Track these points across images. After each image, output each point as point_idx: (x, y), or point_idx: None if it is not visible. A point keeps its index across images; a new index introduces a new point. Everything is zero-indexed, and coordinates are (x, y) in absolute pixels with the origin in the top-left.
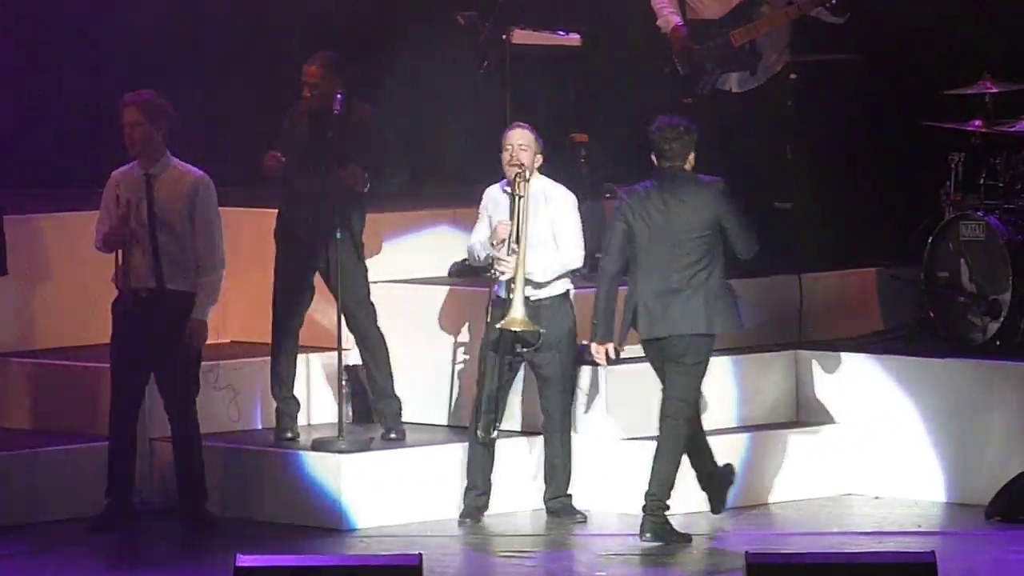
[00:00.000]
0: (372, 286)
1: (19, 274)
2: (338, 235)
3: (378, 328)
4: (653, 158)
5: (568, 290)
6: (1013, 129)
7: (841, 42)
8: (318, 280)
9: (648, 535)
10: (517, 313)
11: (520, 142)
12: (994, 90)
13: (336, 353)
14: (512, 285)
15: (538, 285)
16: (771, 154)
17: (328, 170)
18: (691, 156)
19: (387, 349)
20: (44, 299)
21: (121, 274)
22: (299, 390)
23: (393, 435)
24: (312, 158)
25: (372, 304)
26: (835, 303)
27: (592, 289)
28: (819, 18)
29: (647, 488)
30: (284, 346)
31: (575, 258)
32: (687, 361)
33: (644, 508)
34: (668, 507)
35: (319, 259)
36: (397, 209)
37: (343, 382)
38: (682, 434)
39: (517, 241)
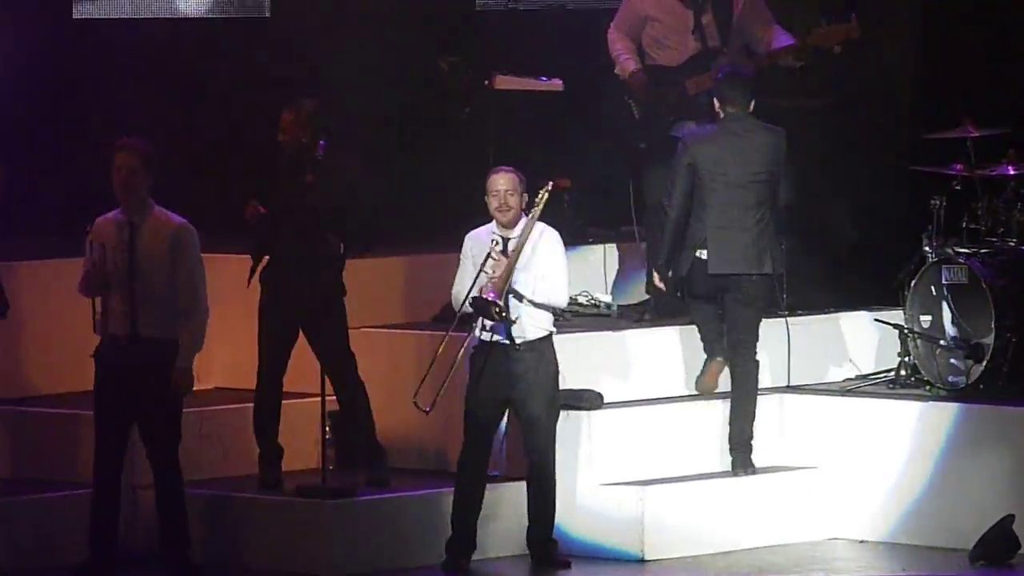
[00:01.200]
0: (352, 332)
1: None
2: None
3: (358, 375)
4: (716, 105)
5: (551, 332)
6: (994, 173)
7: (823, 86)
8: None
9: (747, 469)
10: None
11: (507, 187)
12: (975, 134)
13: (319, 399)
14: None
15: (522, 328)
16: None
17: (305, 232)
18: (752, 102)
19: (367, 396)
20: (26, 346)
21: (98, 320)
22: (282, 436)
23: (377, 481)
24: (290, 209)
25: (351, 352)
26: (821, 347)
27: (574, 332)
28: (778, 63)
29: (731, 429)
30: (268, 393)
31: (561, 294)
32: (754, 299)
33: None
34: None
35: (302, 308)
36: (377, 255)
37: (326, 428)
38: (755, 370)
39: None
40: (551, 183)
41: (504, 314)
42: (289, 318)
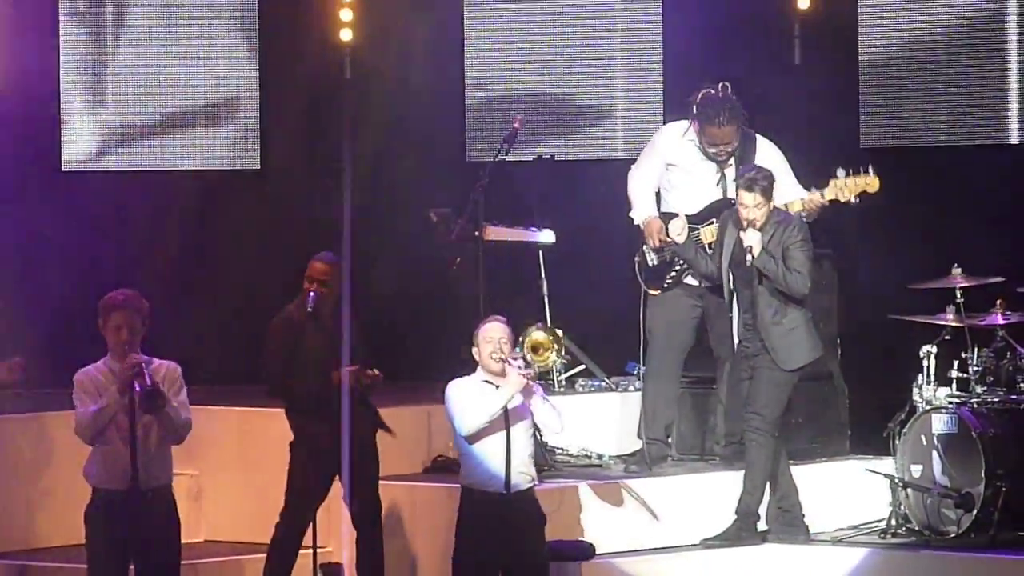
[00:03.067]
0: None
1: None
2: None
3: (381, 525)
4: None
5: (535, 484)
6: (984, 323)
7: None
8: None
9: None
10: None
11: (501, 335)
12: (964, 284)
13: (311, 551)
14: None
15: (514, 477)
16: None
17: (329, 375)
18: None
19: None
20: (26, 499)
21: (98, 471)
22: None
23: None
24: (321, 360)
25: (379, 501)
26: (811, 495)
27: (565, 482)
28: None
29: None
30: (290, 549)
31: (562, 421)
32: None
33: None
34: None
35: (336, 462)
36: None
37: None
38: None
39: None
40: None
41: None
42: (327, 470)
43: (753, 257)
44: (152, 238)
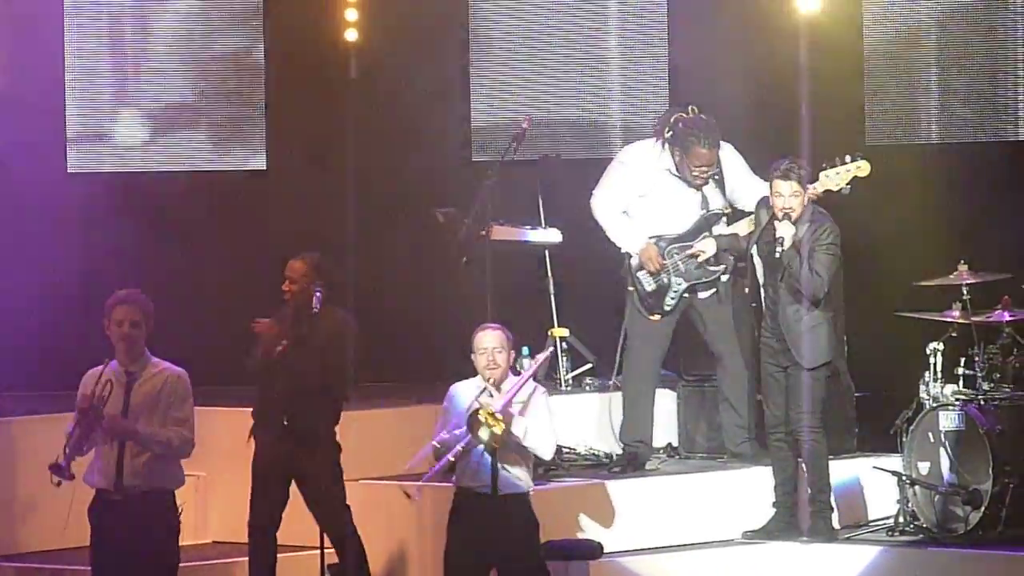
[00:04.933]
0: (349, 484)
1: None
2: None
3: (353, 527)
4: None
5: (529, 491)
6: (990, 319)
7: None
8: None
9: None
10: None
11: (494, 345)
12: (971, 280)
13: (318, 552)
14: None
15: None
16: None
17: (301, 385)
18: None
19: (363, 547)
20: (17, 503)
21: (62, 464)
22: None
23: None
24: (287, 361)
25: (346, 505)
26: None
27: (572, 481)
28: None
29: None
30: (261, 548)
31: (547, 449)
32: None
33: None
34: None
35: (295, 464)
36: (371, 407)
37: None
38: None
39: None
40: (546, 355)
41: (497, 426)
42: (281, 473)
43: (783, 250)
44: (157, 238)
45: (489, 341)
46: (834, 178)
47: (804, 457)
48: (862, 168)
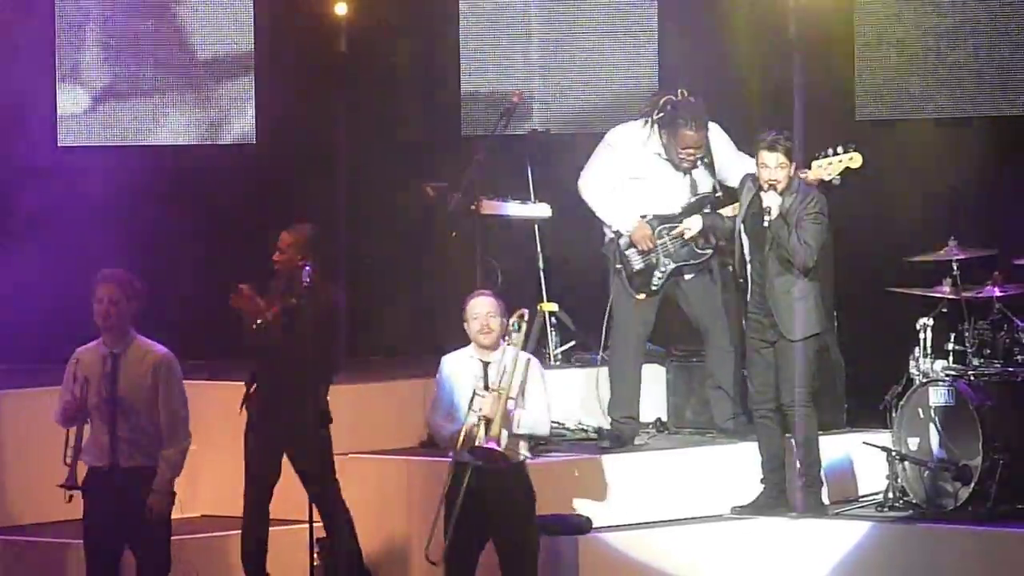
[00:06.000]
0: (339, 458)
1: None
2: None
3: (341, 501)
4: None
5: (526, 459)
6: (980, 295)
7: None
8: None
9: None
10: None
11: (488, 310)
12: (961, 256)
13: (307, 526)
14: (487, 425)
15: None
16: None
17: (290, 358)
18: None
19: (351, 522)
20: (9, 475)
21: (70, 451)
22: (270, 564)
23: None
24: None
25: (335, 479)
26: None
27: (561, 456)
28: None
29: None
30: (255, 521)
31: (543, 425)
32: None
33: None
34: None
35: (285, 436)
36: (362, 380)
37: (314, 555)
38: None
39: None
40: (525, 311)
41: (507, 460)
42: (272, 446)
43: (770, 219)
44: (146, 213)
45: (483, 307)
46: (826, 167)
47: (794, 432)
48: (854, 160)
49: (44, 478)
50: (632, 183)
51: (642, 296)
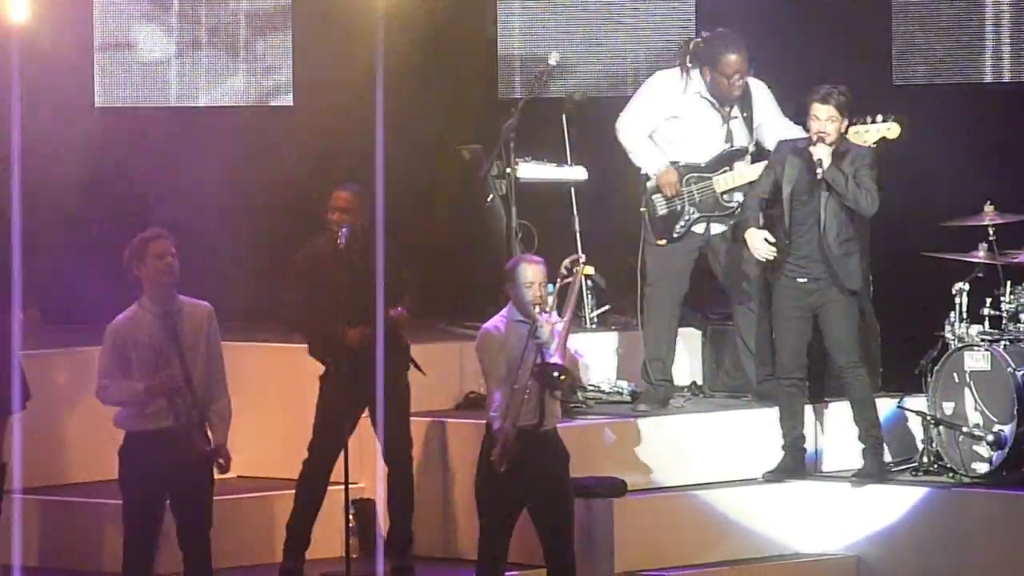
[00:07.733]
0: None
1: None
2: None
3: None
4: None
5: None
6: (1016, 260)
7: None
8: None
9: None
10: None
11: (541, 280)
12: (997, 221)
13: (343, 487)
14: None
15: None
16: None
17: (357, 313)
18: None
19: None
20: (50, 435)
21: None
22: None
23: (403, 570)
24: (344, 296)
25: (410, 437)
26: (842, 433)
27: (596, 420)
28: None
29: None
30: (318, 481)
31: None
32: None
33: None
34: None
35: (363, 398)
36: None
37: (350, 517)
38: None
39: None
40: (582, 256)
41: (570, 380)
42: (354, 406)
43: (823, 170)
44: (185, 175)
45: (536, 275)
46: (863, 135)
47: (852, 395)
48: (892, 130)
49: (84, 438)
50: (669, 123)
51: (663, 242)
